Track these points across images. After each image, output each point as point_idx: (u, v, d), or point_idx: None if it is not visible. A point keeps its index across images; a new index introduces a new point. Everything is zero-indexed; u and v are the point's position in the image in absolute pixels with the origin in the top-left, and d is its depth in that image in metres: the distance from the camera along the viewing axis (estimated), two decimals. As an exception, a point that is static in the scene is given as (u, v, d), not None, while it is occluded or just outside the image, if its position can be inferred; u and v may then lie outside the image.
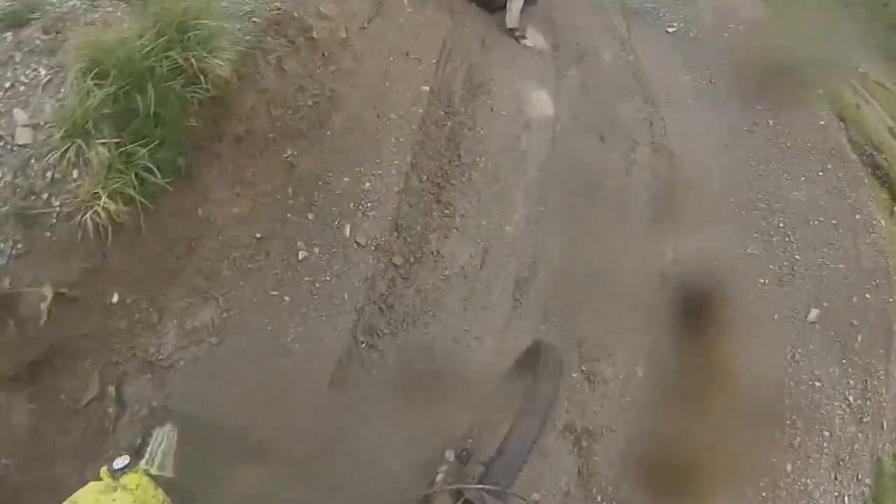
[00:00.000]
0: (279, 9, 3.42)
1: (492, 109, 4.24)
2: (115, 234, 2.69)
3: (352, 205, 3.43)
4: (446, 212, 3.68)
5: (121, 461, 1.43)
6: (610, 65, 5.04)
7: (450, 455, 2.26)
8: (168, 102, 2.72)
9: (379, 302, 3.28)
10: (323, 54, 3.62)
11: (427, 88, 4.05)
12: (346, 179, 3.46)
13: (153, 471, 1.49)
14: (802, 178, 4.53)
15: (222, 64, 2.84)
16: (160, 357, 2.80)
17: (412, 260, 3.45)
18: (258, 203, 3.18)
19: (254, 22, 3.22)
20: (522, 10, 5.17)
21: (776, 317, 3.85)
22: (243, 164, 3.13)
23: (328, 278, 3.22)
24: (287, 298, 3.08)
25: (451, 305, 3.38)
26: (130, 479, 1.38)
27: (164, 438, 1.59)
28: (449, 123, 3.96)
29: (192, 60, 2.75)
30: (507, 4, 4.90)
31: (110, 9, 3.09)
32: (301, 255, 3.22)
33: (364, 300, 3.24)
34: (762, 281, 3.98)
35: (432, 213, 3.66)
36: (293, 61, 3.43)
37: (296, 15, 3.51)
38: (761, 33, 5.42)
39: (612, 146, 4.36)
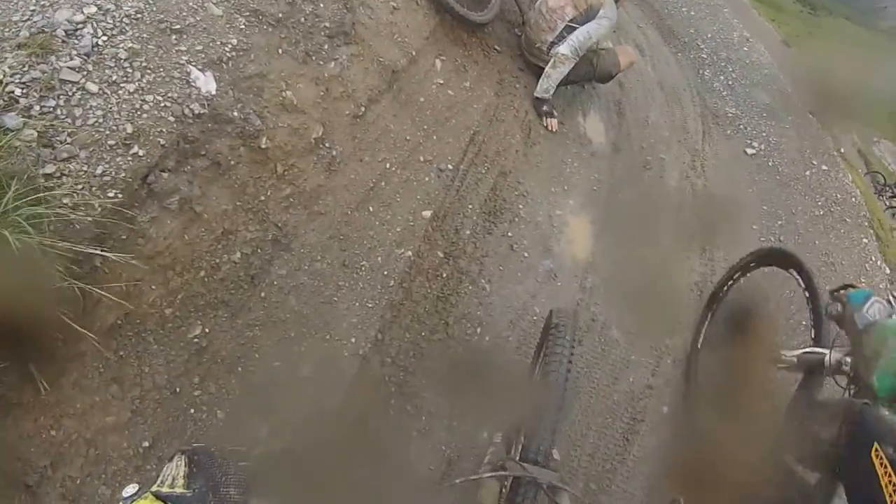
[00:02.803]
0: (206, 105, 2.20)
1: (512, 249, 3.08)
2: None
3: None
4: (408, 409, 2.76)
5: (130, 489, 1.28)
6: (674, 189, 3.72)
7: (498, 438, 2.31)
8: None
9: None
10: (275, 171, 2.46)
11: (429, 214, 2.88)
12: (276, 364, 2.52)
13: (164, 489, 1.32)
14: None
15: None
16: None
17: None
18: (146, 403, 2.28)
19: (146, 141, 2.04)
20: (581, 84, 3.73)
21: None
22: (121, 360, 2.19)
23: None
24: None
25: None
26: None
27: (175, 463, 1.49)
28: (444, 274, 2.86)
29: None
30: (548, 68, 3.44)
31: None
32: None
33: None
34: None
35: (389, 409, 2.75)
36: (217, 188, 2.30)
37: (234, 114, 2.29)
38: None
39: (650, 331, 3.25)
